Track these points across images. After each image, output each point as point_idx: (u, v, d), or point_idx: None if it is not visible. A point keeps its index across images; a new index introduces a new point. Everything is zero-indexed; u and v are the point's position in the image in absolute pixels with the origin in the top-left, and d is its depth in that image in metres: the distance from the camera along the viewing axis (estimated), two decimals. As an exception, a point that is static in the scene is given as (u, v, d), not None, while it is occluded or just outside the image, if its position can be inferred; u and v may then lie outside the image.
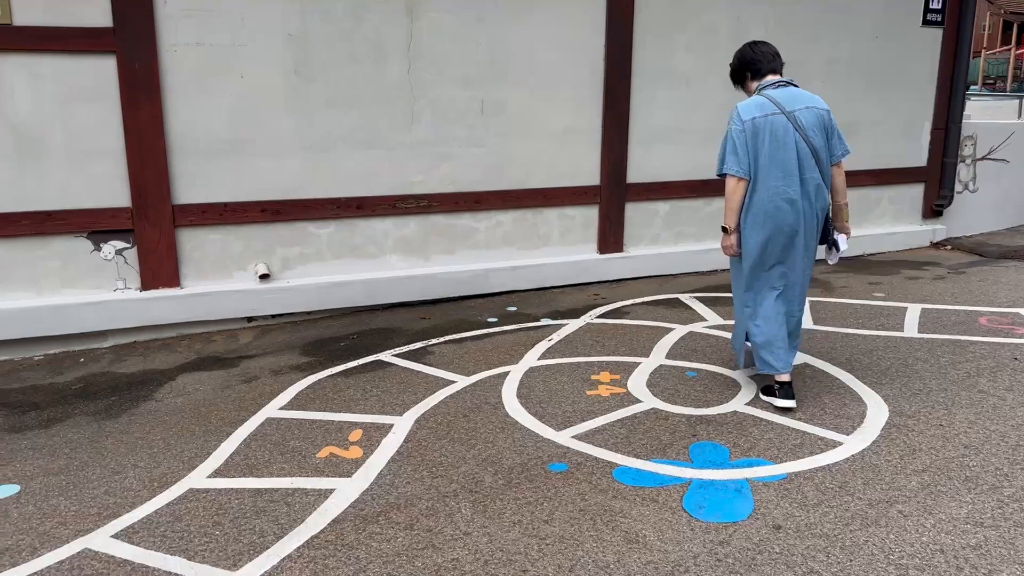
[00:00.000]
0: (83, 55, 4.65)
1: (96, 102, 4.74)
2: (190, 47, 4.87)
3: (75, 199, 4.82)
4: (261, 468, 3.33)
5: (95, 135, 4.78)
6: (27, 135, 4.66)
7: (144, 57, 4.75)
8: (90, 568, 2.65)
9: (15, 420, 3.93)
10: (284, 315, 5.47)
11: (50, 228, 4.78)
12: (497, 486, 3.13)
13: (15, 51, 4.52)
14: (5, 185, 4.66)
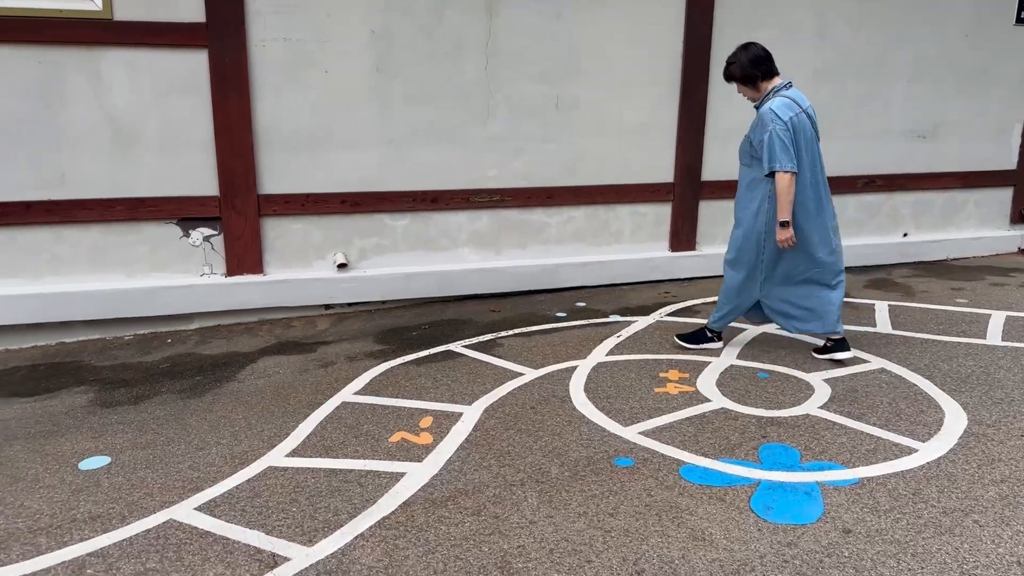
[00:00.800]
0: (177, 49, 4.87)
1: (188, 95, 4.96)
2: (277, 42, 5.04)
3: (166, 187, 5.05)
4: (336, 449, 3.45)
5: (187, 126, 5.00)
6: (124, 126, 4.90)
7: (234, 52, 4.94)
8: (175, 538, 2.80)
9: (106, 396, 4.16)
10: (359, 304, 5.62)
11: (142, 214, 5.03)
12: (563, 478, 3.17)
13: (115, 45, 4.76)
14: (102, 172, 4.92)
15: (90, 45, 4.71)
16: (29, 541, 2.79)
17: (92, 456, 3.44)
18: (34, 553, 2.72)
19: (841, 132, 6.52)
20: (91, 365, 4.64)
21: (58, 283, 4.96)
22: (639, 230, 6.20)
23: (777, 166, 4.06)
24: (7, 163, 4.73)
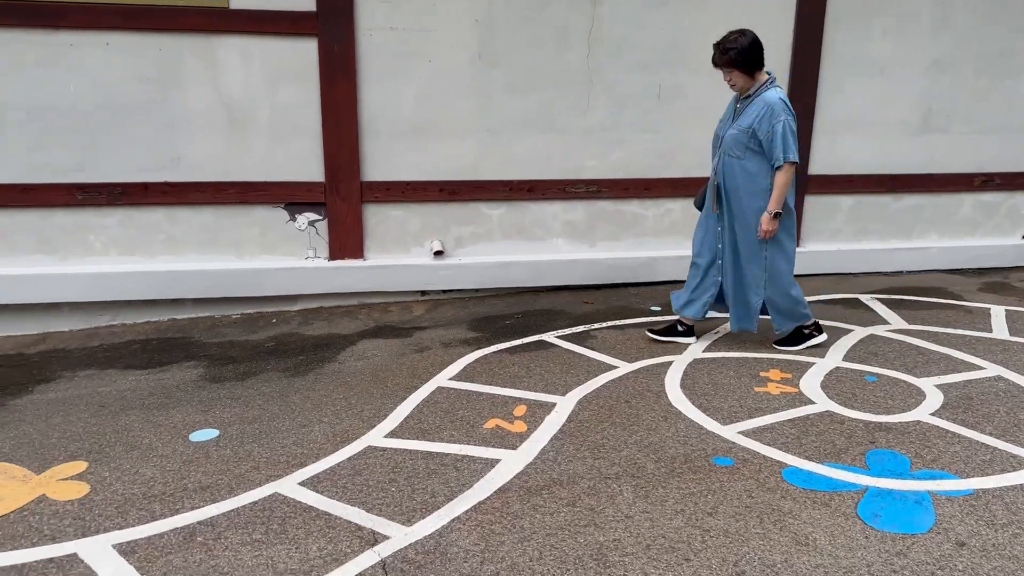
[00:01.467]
0: (288, 37, 5.01)
1: (298, 82, 5.10)
2: (384, 31, 5.13)
3: (275, 172, 5.22)
4: (432, 433, 3.49)
5: (295, 113, 5.15)
6: (236, 111, 5.09)
7: (342, 40, 5.05)
8: (280, 511, 2.90)
9: (215, 371, 4.33)
10: (454, 291, 5.69)
11: (253, 197, 5.21)
12: (659, 474, 3.12)
13: (230, 32, 4.94)
14: (216, 156, 5.11)
15: (207, 32, 4.90)
16: (144, 507, 2.93)
17: (202, 428, 3.60)
18: (148, 519, 2.86)
19: (958, 127, 6.19)
20: (200, 341, 4.85)
21: (171, 262, 5.20)
22: (739, 224, 6.05)
23: (791, 156, 4.00)
24: (128, 145, 4.98)
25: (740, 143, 4.08)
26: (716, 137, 4.27)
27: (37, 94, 4.79)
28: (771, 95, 4.00)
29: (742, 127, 4.04)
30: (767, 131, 3.98)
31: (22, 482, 3.13)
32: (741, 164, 4.11)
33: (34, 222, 4.96)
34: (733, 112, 4.20)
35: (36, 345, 4.86)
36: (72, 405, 3.88)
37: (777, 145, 3.98)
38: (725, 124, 4.20)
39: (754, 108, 4.03)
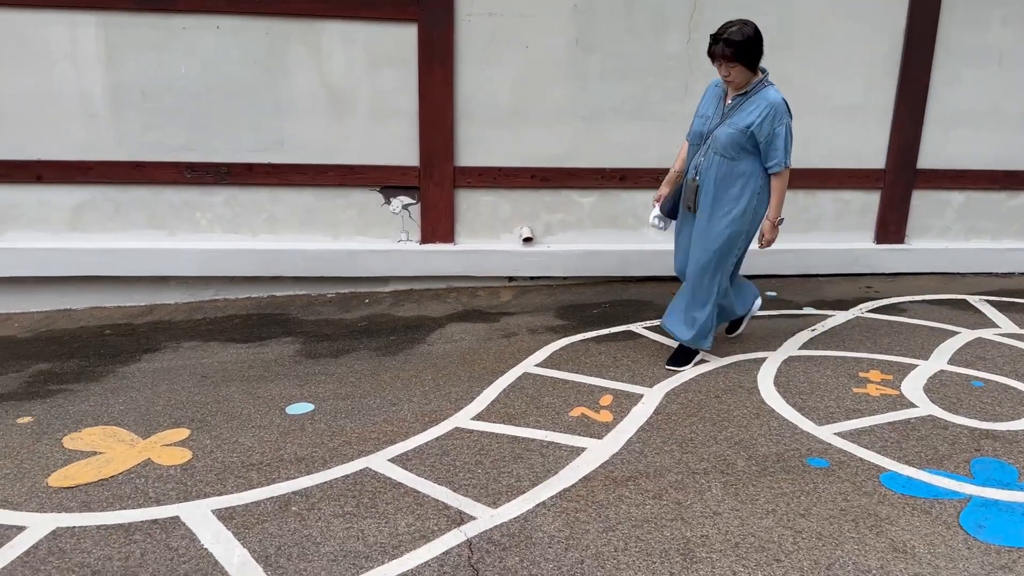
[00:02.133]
0: (389, 22, 5.09)
1: (396, 67, 5.17)
2: (483, 17, 5.14)
3: (372, 156, 5.32)
4: (518, 418, 3.51)
5: (393, 98, 5.23)
6: (337, 95, 5.20)
7: (441, 25, 5.10)
8: (370, 485, 2.97)
9: (311, 348, 4.47)
10: (541, 278, 5.68)
11: (351, 180, 5.33)
12: (750, 471, 3.05)
13: (334, 17, 5.05)
14: (318, 139, 5.25)
15: (312, 17, 5.02)
16: (242, 475, 3.05)
17: (298, 402, 3.71)
18: (246, 487, 2.97)
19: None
20: (297, 318, 5.00)
21: (272, 241, 5.37)
22: (841, 218, 5.83)
23: (788, 161, 3.76)
24: (234, 127, 5.16)
25: (736, 144, 3.71)
26: (697, 134, 3.88)
27: (151, 75, 5.01)
28: (773, 94, 3.69)
29: (739, 127, 3.67)
30: (768, 133, 3.66)
31: (129, 446, 3.30)
32: (733, 165, 3.75)
33: (146, 198, 5.21)
34: (721, 109, 3.80)
35: (144, 316, 5.12)
36: (176, 374, 4.07)
37: (779, 148, 3.70)
38: (710, 120, 3.81)
39: (753, 107, 3.68)
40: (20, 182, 5.06)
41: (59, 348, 4.52)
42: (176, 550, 2.58)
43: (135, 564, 2.51)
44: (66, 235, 5.17)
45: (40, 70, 4.92)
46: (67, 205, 5.14)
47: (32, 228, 5.14)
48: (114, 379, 4.03)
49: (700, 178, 3.84)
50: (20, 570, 2.49)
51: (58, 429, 3.46)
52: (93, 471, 3.08)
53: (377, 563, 2.50)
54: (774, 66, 5.41)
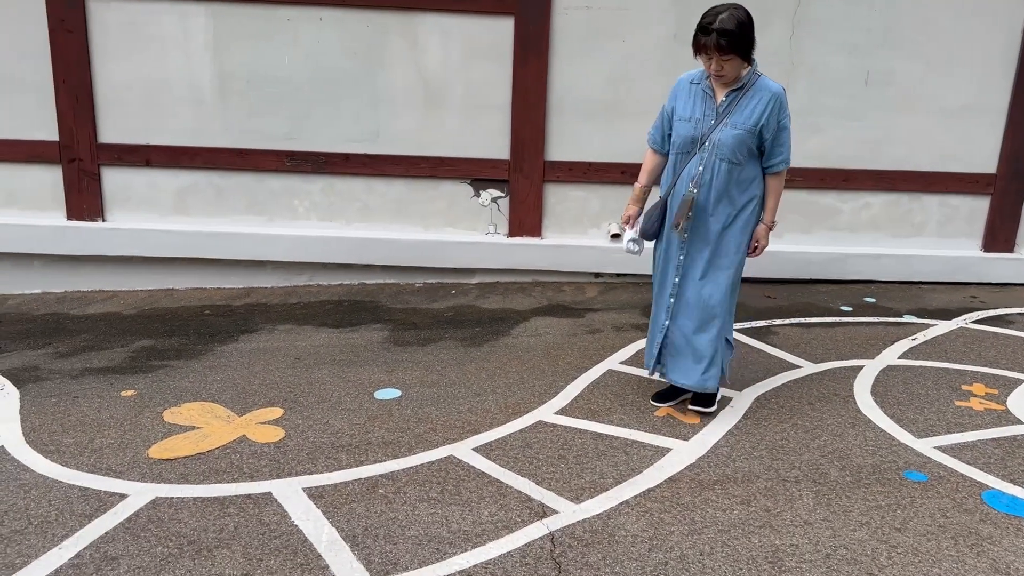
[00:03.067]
0: (487, 16, 5.12)
1: (491, 60, 5.20)
2: (580, 10, 5.12)
3: (464, 148, 5.37)
4: (602, 415, 3.48)
5: (487, 91, 5.26)
6: (433, 88, 5.27)
7: (538, 19, 5.09)
8: (454, 473, 2.99)
9: (399, 335, 4.54)
10: (627, 275, 5.63)
11: (442, 172, 5.39)
12: (844, 482, 2.95)
13: (433, 10, 5.11)
14: (412, 131, 5.33)
15: (411, 10, 5.10)
16: (332, 456, 3.13)
17: (386, 388, 3.78)
18: (336, 467, 3.04)
19: None
20: (386, 306, 5.10)
21: (365, 230, 5.48)
22: (947, 224, 5.57)
23: (791, 159, 3.32)
24: (334, 117, 5.29)
25: (744, 145, 3.21)
26: (687, 141, 3.29)
27: (256, 65, 5.18)
28: (775, 85, 3.24)
29: (746, 126, 3.19)
30: (775, 127, 3.22)
31: (226, 422, 3.43)
32: (738, 171, 3.26)
33: (247, 184, 5.39)
34: (713, 108, 3.26)
35: (241, 298, 5.31)
36: (271, 355, 4.20)
37: (785, 144, 3.27)
38: (703, 122, 3.25)
39: (755, 102, 3.20)
40: (131, 165, 5.32)
41: (161, 325, 4.73)
42: (268, 525, 2.66)
43: (228, 536, 2.60)
44: (171, 218, 5.41)
45: (153, 59, 5.16)
46: (173, 188, 5.38)
47: (140, 210, 5.40)
48: (212, 357, 4.19)
49: (703, 190, 3.28)
50: (122, 536, 2.61)
51: (159, 403, 3.62)
52: (191, 445, 3.21)
53: (460, 550, 2.53)
54: (882, 64, 5.26)
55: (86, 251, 5.36)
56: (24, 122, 5.23)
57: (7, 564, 2.46)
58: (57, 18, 5.04)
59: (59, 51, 5.09)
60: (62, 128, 5.22)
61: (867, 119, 5.35)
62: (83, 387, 3.80)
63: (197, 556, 2.50)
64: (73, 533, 2.62)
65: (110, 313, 5.00)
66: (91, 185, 5.31)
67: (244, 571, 2.43)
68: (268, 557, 2.49)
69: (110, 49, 5.13)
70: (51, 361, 4.15)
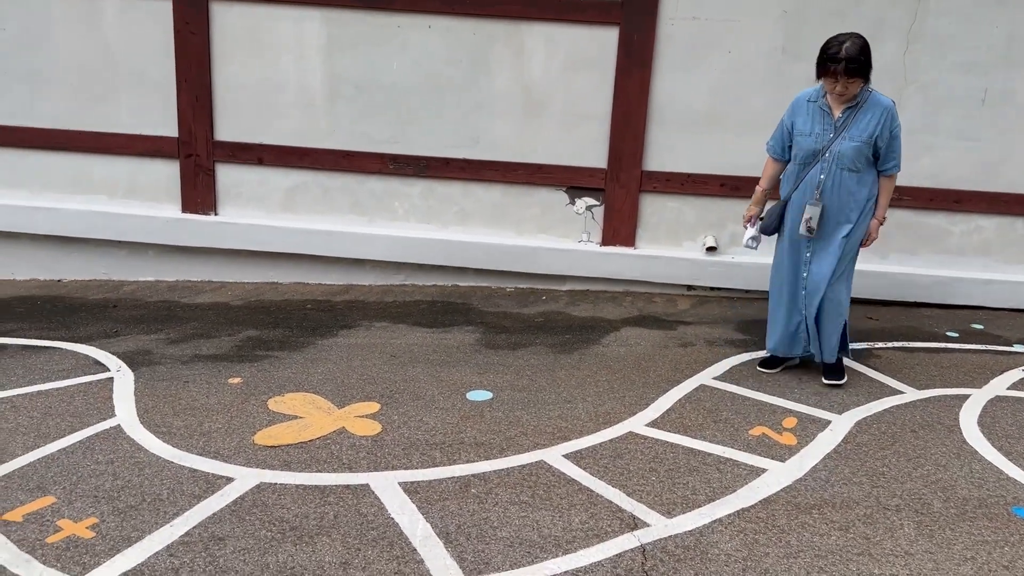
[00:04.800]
0: (591, 25, 5.15)
1: (593, 70, 5.22)
2: (686, 21, 5.09)
3: (561, 156, 5.41)
4: (694, 430, 3.46)
5: (587, 100, 5.29)
6: (534, 95, 5.33)
7: (643, 29, 5.09)
8: (545, 478, 3.03)
9: (490, 338, 4.60)
10: (722, 289, 5.55)
11: (538, 179, 5.44)
12: (948, 514, 2.85)
13: (539, 20, 5.17)
14: (510, 137, 5.40)
15: (518, 19, 5.17)
16: (426, 453, 3.21)
17: (477, 389, 3.85)
18: (429, 464, 3.12)
19: None
20: (478, 309, 5.17)
21: (460, 233, 5.58)
22: (1066, 250, 5.29)
23: (901, 163, 3.86)
24: (436, 122, 5.41)
25: (862, 155, 3.74)
26: (810, 152, 3.81)
27: (365, 71, 5.35)
28: (885, 100, 3.76)
29: (863, 138, 3.70)
30: (887, 137, 3.73)
31: (326, 413, 3.55)
32: (858, 177, 3.79)
33: (351, 186, 5.57)
34: (832, 123, 3.77)
35: (341, 295, 5.48)
36: (369, 351, 4.32)
37: (896, 151, 3.80)
38: (823, 136, 3.77)
39: (869, 116, 3.71)
40: (244, 163, 5.56)
41: (266, 317, 4.93)
42: (365, 516, 2.75)
43: (328, 525, 2.70)
44: (279, 215, 5.63)
45: (268, 61, 5.39)
46: (282, 187, 5.60)
47: (250, 206, 5.64)
48: (314, 350, 4.34)
49: (826, 195, 3.80)
50: (228, 517, 2.74)
51: (264, 391, 3.77)
52: (294, 433, 3.34)
53: (551, 555, 2.55)
54: (1001, 83, 5.06)
55: (198, 243, 5.64)
56: (147, 118, 5.54)
57: (124, 537, 2.62)
58: (182, 20, 5.32)
59: (182, 52, 5.38)
60: (181, 125, 5.50)
61: (982, 139, 5.13)
62: (193, 372, 4.00)
63: (299, 542, 2.60)
64: (183, 512, 2.76)
65: (218, 303, 5.24)
66: (206, 180, 5.58)
67: (343, 559, 2.52)
68: (366, 548, 2.58)
69: (229, 51, 5.39)
70: (163, 346, 4.38)
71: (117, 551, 2.54)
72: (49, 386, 3.79)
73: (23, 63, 5.51)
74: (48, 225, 5.66)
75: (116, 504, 2.80)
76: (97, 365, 4.08)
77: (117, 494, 2.86)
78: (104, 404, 3.61)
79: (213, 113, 5.48)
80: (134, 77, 5.48)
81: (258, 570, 2.46)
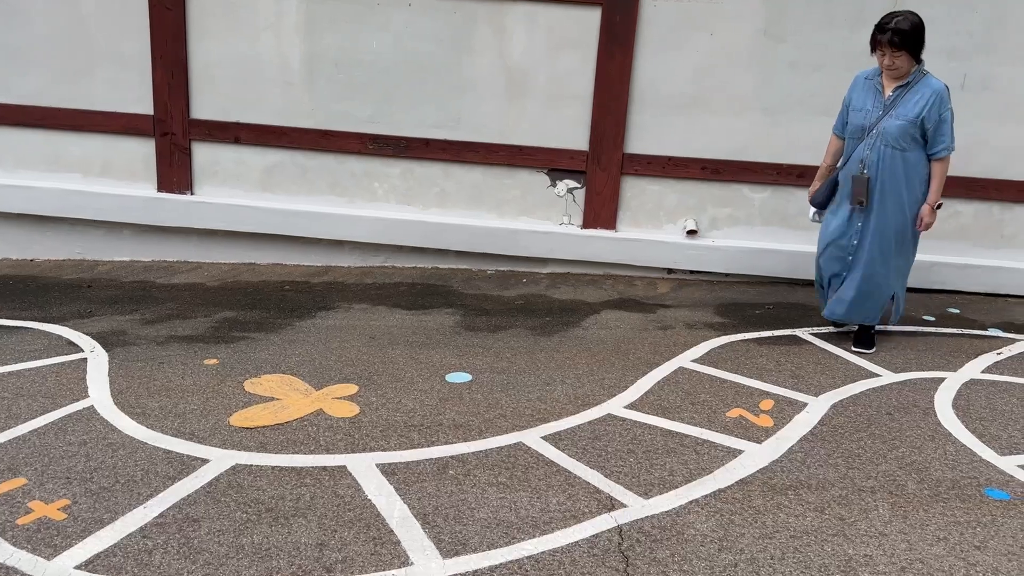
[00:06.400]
0: (573, 6, 5.11)
1: (575, 50, 5.19)
2: (669, 2, 5.06)
3: (542, 138, 5.37)
4: (672, 412, 3.47)
5: (569, 81, 5.25)
6: (516, 76, 5.28)
7: (626, 10, 5.06)
8: (523, 459, 3.02)
9: (470, 320, 4.59)
10: (701, 272, 5.56)
11: (519, 161, 5.41)
12: (921, 495, 2.88)
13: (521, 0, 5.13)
14: (492, 118, 5.36)
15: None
16: (404, 435, 3.19)
17: (456, 371, 3.83)
18: (408, 446, 3.11)
19: None
20: (458, 291, 5.15)
21: (441, 215, 5.55)
22: (1041, 236, 5.34)
23: (953, 145, 3.98)
24: (417, 102, 5.35)
25: (907, 134, 3.90)
26: (859, 128, 4.01)
27: (345, 48, 5.28)
28: (935, 82, 3.90)
29: (909, 118, 3.87)
30: (935, 119, 3.89)
31: (304, 395, 3.53)
32: (904, 156, 3.95)
33: (330, 166, 5.51)
34: (882, 101, 3.96)
35: (320, 276, 5.43)
36: (347, 333, 4.30)
37: (946, 134, 3.93)
38: (871, 114, 3.97)
39: (918, 96, 3.89)
40: (220, 142, 5.49)
41: (243, 298, 4.88)
42: (343, 498, 2.73)
43: (305, 506, 2.68)
44: (257, 194, 5.56)
45: (246, 38, 5.30)
46: (260, 166, 5.53)
47: (227, 185, 5.57)
48: (291, 331, 4.31)
49: (871, 170, 3.97)
50: (203, 499, 2.72)
51: (240, 373, 3.74)
52: (270, 415, 3.32)
53: (528, 536, 2.55)
54: (980, 68, 5.07)
55: (174, 223, 5.56)
56: (122, 95, 5.44)
57: (96, 519, 2.59)
58: (158, -4, 5.22)
59: (157, 27, 5.28)
60: (157, 103, 5.41)
61: (961, 125, 5.13)
62: (168, 353, 3.95)
63: (274, 523, 2.59)
64: (157, 493, 2.74)
65: (195, 284, 5.19)
66: (182, 159, 5.50)
67: (319, 541, 2.50)
68: (342, 529, 2.56)
69: (206, 27, 5.29)
70: (138, 327, 4.33)
71: (89, 533, 2.52)
72: (21, 366, 3.73)
73: (-4, 38, 5.39)
74: (22, 204, 5.56)
75: (89, 486, 2.77)
76: (70, 346, 4.03)
77: (90, 475, 2.83)
78: (77, 385, 3.56)
79: (189, 90, 5.39)
80: (110, 53, 5.38)
81: (233, 551, 2.45)
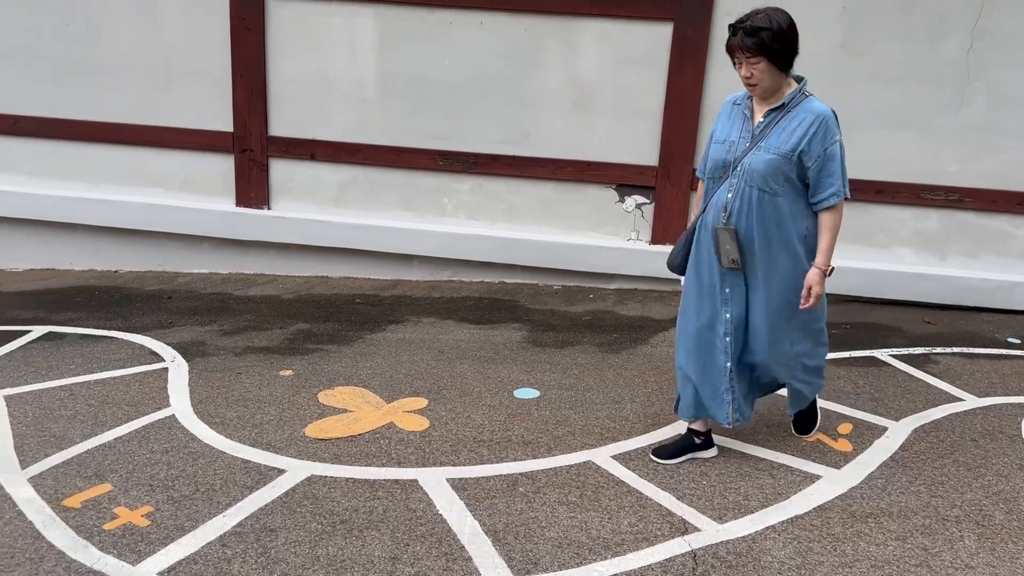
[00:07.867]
0: (644, 21, 5.10)
1: (646, 65, 5.17)
2: (741, 17, 5.00)
3: (611, 153, 5.36)
4: (747, 435, 3.39)
5: (639, 96, 5.23)
6: (584, 92, 5.29)
7: (698, 25, 5.02)
8: (593, 478, 3.00)
9: (537, 336, 4.59)
10: (774, 290, 5.45)
11: (588, 176, 5.41)
12: (1011, 527, 2.75)
13: (591, 16, 5.14)
14: (560, 134, 5.37)
15: (570, 15, 5.14)
16: (474, 450, 3.21)
17: (524, 387, 3.83)
18: (477, 461, 3.12)
19: None
20: (525, 306, 5.16)
21: (509, 230, 5.57)
22: None
23: (846, 190, 2.88)
24: (486, 119, 5.40)
25: (779, 172, 2.83)
26: (718, 165, 2.95)
27: (417, 66, 5.37)
28: (819, 105, 2.84)
29: (781, 150, 2.82)
30: (819, 154, 2.81)
31: (375, 407, 3.58)
32: (775, 202, 2.87)
33: (401, 181, 5.60)
34: (749, 130, 2.91)
35: (389, 290, 5.51)
36: (416, 347, 4.34)
37: (835, 174, 2.84)
38: (735, 146, 2.91)
39: (795, 124, 2.82)
40: (297, 158, 5.63)
41: (316, 311, 4.99)
42: (414, 511, 2.76)
43: (377, 519, 2.71)
44: (331, 209, 5.68)
45: (321, 57, 5.44)
46: (334, 182, 5.65)
47: (302, 200, 5.70)
48: (363, 344, 4.38)
49: (735, 222, 2.90)
50: (280, 509, 2.77)
51: (314, 384, 3.81)
52: (344, 427, 3.37)
53: (600, 557, 2.53)
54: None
55: (251, 236, 5.72)
56: (202, 113, 5.64)
57: (178, 527, 2.67)
58: (239, 16, 5.40)
59: (239, 47, 5.46)
60: (237, 120, 5.59)
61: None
62: (245, 364, 4.06)
63: (348, 535, 2.62)
64: (236, 503, 2.80)
65: (270, 296, 5.32)
66: (259, 175, 5.66)
67: (392, 554, 2.53)
68: (415, 543, 2.58)
69: (284, 47, 5.45)
70: (216, 338, 4.46)
71: (171, 540, 2.59)
72: (106, 375, 3.88)
73: (86, 58, 5.64)
74: (107, 217, 5.80)
75: (171, 493, 2.85)
76: (152, 355, 4.17)
77: (172, 483, 2.92)
78: (159, 394, 3.68)
79: (268, 108, 5.55)
80: (191, 72, 5.58)
81: (309, 562, 2.49)
